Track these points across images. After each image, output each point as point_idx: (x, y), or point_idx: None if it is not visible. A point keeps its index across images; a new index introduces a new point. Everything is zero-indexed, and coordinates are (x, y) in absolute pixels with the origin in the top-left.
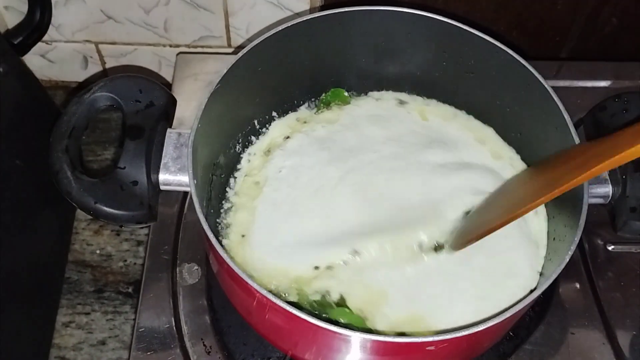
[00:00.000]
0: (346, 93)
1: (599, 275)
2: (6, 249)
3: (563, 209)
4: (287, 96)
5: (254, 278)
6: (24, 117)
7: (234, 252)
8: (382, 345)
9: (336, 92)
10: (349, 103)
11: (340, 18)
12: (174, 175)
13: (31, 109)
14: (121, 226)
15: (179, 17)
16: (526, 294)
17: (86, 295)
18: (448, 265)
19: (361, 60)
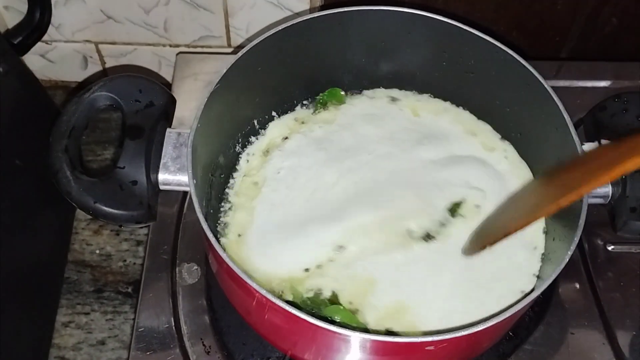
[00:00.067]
0: (342, 92)
1: (599, 275)
2: (6, 249)
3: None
4: (287, 96)
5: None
6: (24, 117)
7: (232, 252)
8: (382, 345)
9: (333, 92)
10: (344, 102)
11: (340, 18)
12: (174, 175)
13: (31, 109)
14: (120, 226)
15: (179, 17)
16: (519, 298)
17: (86, 295)
18: (437, 256)
19: (361, 60)
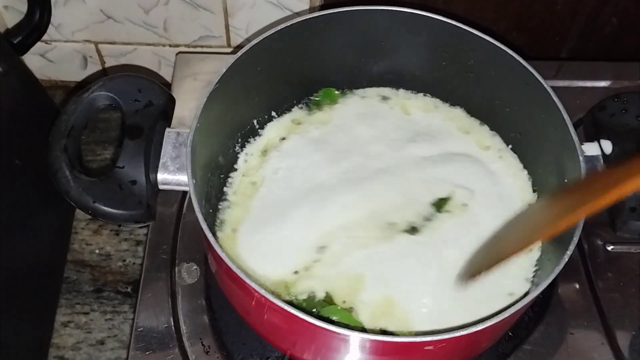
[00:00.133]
0: (337, 92)
1: (599, 275)
2: (5, 249)
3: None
4: (287, 96)
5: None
6: (24, 117)
7: (226, 247)
8: (381, 344)
9: (327, 92)
10: (338, 102)
11: (339, 18)
12: (173, 174)
13: (31, 109)
14: (120, 225)
15: (179, 17)
16: (512, 301)
17: (85, 295)
18: (422, 250)
19: (360, 60)
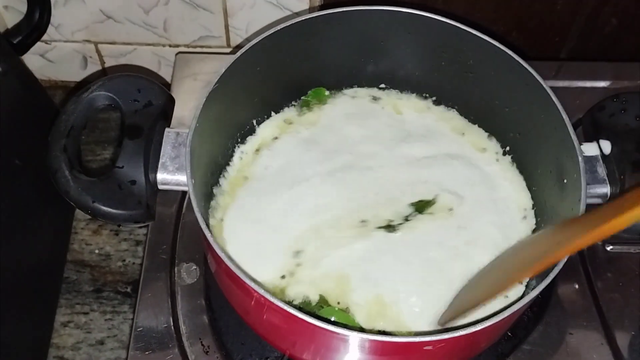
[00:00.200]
0: (327, 92)
1: (598, 275)
2: (5, 249)
3: (561, 209)
4: (286, 96)
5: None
6: (23, 117)
7: (216, 234)
8: (380, 345)
9: (317, 92)
10: (327, 103)
11: (339, 18)
12: (172, 174)
13: (30, 109)
14: (119, 225)
15: (179, 17)
16: (505, 305)
17: (85, 295)
18: (402, 248)
19: (360, 60)
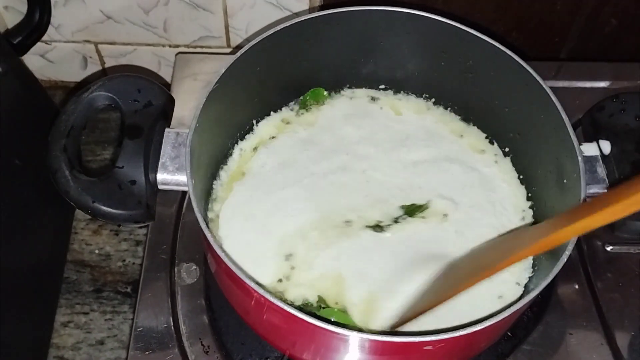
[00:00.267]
0: (325, 92)
1: (598, 276)
2: (5, 249)
3: (561, 210)
4: (286, 96)
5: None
6: (24, 117)
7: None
8: (380, 344)
9: (314, 92)
10: (325, 103)
11: (339, 18)
12: (172, 174)
13: (30, 109)
14: (119, 225)
15: (179, 18)
16: (501, 307)
17: (85, 295)
18: (390, 247)
19: (359, 60)
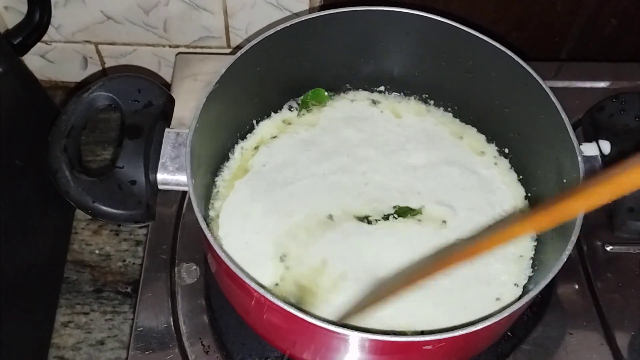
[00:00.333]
0: (326, 93)
1: (598, 276)
2: (5, 249)
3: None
4: (286, 96)
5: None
6: (24, 117)
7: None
8: (380, 344)
9: (315, 92)
10: (326, 105)
11: (339, 18)
12: (172, 174)
13: (31, 109)
14: (119, 225)
15: (179, 18)
16: (498, 308)
17: (85, 295)
18: (374, 238)
19: (359, 61)
